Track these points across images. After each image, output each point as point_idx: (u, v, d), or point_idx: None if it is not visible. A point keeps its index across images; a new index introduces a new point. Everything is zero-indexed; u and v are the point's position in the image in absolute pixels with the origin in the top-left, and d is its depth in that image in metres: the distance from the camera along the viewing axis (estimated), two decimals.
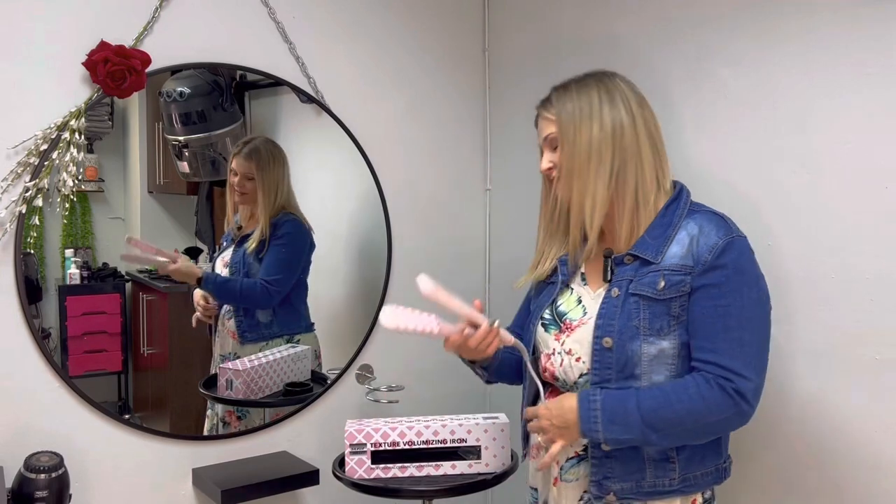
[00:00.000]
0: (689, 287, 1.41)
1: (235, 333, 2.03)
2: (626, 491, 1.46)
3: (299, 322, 2.10)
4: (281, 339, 2.08)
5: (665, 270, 1.43)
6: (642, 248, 1.47)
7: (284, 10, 2.02)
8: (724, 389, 1.37)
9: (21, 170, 1.70)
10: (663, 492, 1.46)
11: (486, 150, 2.43)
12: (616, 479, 1.46)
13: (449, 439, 1.83)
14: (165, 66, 1.86)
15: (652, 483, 1.46)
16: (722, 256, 1.40)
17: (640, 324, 1.42)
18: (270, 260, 2.02)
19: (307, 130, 2.11)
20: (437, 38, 2.31)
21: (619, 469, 1.46)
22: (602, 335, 1.45)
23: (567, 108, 1.50)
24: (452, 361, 2.33)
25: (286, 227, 2.04)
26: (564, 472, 1.53)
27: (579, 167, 1.48)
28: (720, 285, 1.40)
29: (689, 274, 1.41)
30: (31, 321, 1.73)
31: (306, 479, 1.96)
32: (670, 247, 1.44)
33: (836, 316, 1.58)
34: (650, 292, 1.43)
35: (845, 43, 1.54)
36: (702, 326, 1.40)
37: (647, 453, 1.45)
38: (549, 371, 1.56)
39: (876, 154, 1.51)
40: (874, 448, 1.54)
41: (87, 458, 1.79)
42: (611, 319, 1.45)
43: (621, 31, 1.96)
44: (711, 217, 1.46)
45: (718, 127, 1.77)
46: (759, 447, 1.72)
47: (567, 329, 1.53)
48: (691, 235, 1.44)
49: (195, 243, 2.01)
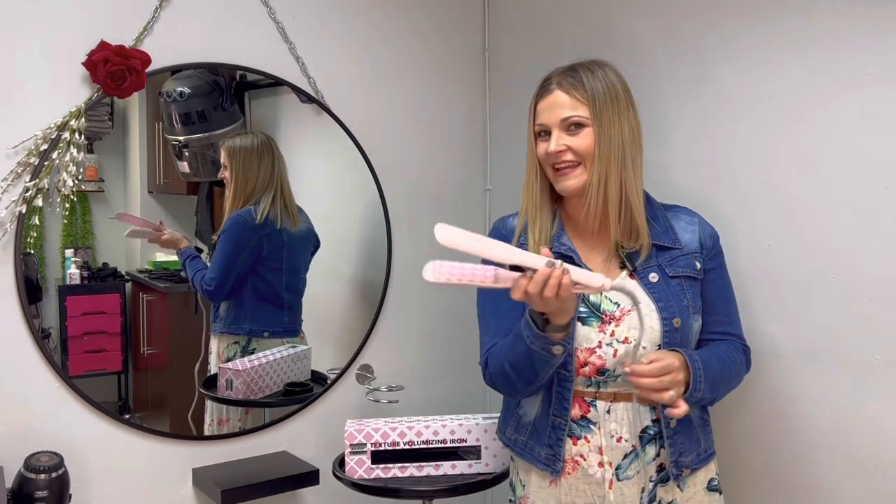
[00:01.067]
0: (703, 269, 1.54)
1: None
2: (694, 461, 1.50)
3: (241, 323, 2.03)
4: (230, 336, 2.03)
5: (694, 253, 1.53)
6: (657, 235, 1.52)
7: (284, 10, 2.03)
8: (745, 354, 1.58)
9: (21, 170, 1.70)
10: (711, 453, 1.55)
11: (486, 150, 2.43)
12: (686, 452, 1.49)
13: (449, 439, 1.83)
14: (165, 66, 1.86)
15: (705, 447, 1.53)
16: (717, 243, 1.58)
17: (689, 302, 1.50)
18: (213, 257, 2.00)
19: (307, 130, 2.11)
20: (437, 38, 2.31)
21: (686, 442, 1.50)
22: (670, 316, 1.46)
23: (599, 88, 1.46)
24: (452, 361, 2.34)
25: (227, 222, 2.00)
26: (623, 470, 1.47)
27: (620, 152, 1.46)
28: (723, 267, 1.57)
29: (703, 257, 1.54)
30: (31, 321, 1.73)
31: (306, 479, 1.96)
32: (680, 234, 1.54)
33: (835, 316, 1.58)
34: (691, 272, 1.52)
35: (845, 43, 1.54)
36: (720, 303, 1.55)
37: (695, 421, 1.52)
38: (591, 365, 1.46)
39: (876, 154, 1.51)
40: (874, 448, 1.54)
41: (87, 458, 1.79)
42: (668, 301, 1.47)
43: (621, 31, 1.96)
44: (690, 210, 1.60)
45: (718, 127, 1.77)
46: (758, 447, 1.72)
47: (612, 319, 1.47)
48: (693, 224, 1.56)
49: (195, 243, 2.01)
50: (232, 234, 2.00)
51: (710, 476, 1.54)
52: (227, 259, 2.00)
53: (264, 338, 2.06)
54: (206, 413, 2.01)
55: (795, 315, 1.64)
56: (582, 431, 1.49)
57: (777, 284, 1.67)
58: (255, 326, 2.05)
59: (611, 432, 1.47)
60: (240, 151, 1.99)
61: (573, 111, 1.46)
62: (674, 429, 1.48)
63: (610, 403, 1.47)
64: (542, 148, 1.50)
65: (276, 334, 2.08)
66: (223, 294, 2.01)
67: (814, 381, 1.62)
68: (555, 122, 1.48)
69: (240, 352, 2.03)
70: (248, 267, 2.02)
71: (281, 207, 2.04)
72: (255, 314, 2.05)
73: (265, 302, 2.06)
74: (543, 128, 1.50)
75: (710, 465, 1.54)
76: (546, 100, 1.49)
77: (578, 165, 1.47)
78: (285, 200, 2.05)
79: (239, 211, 1.99)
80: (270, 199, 2.02)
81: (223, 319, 2.02)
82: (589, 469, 1.48)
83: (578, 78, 1.48)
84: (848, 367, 1.57)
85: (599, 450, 1.47)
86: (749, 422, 1.73)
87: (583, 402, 1.49)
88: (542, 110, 1.50)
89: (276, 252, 2.05)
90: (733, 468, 1.74)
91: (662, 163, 1.86)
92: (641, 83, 1.90)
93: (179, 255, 1.97)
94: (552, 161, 1.49)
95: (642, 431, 1.47)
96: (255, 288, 2.03)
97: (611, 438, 1.47)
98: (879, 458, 1.53)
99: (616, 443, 1.47)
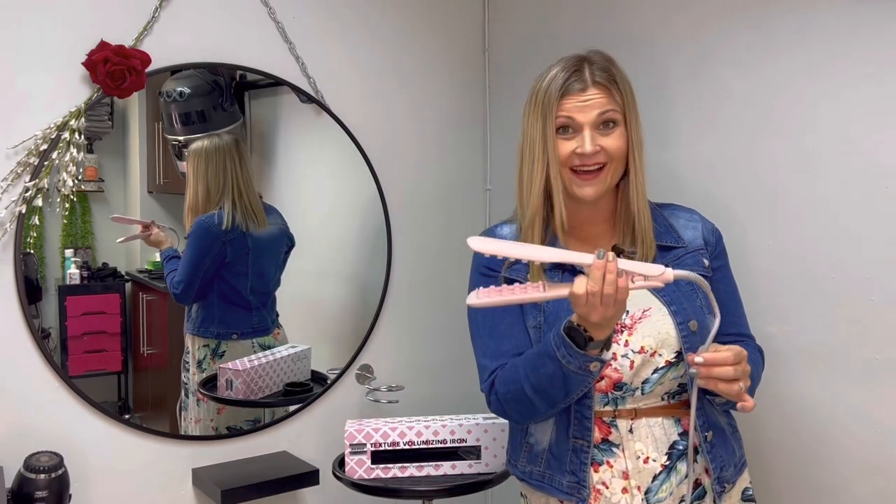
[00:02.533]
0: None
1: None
2: (733, 474, 1.40)
3: (209, 326, 2.01)
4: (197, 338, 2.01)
5: (699, 251, 1.45)
6: (658, 235, 1.43)
7: (284, 10, 2.02)
8: (761, 353, 1.50)
9: (21, 170, 1.70)
10: (745, 462, 1.46)
11: (486, 150, 2.43)
12: (727, 466, 1.38)
13: (449, 439, 1.83)
14: (165, 66, 1.86)
15: (739, 456, 1.44)
16: (720, 240, 1.50)
17: (701, 302, 1.39)
18: (181, 261, 1.98)
19: (307, 130, 2.11)
20: (437, 38, 2.31)
21: (725, 454, 1.39)
22: (685, 319, 1.35)
23: (627, 84, 1.39)
24: (452, 361, 2.34)
25: (192, 226, 1.98)
26: (653, 493, 1.34)
27: (640, 158, 1.40)
28: (727, 266, 1.50)
29: (708, 254, 1.46)
30: (31, 321, 1.73)
31: (306, 479, 1.96)
32: (683, 232, 1.46)
33: (836, 316, 1.58)
34: (702, 271, 1.40)
35: (845, 43, 1.54)
36: (728, 304, 1.45)
37: (726, 429, 1.42)
38: (607, 379, 1.35)
39: (876, 154, 1.51)
40: (873, 448, 1.54)
41: (87, 458, 1.79)
42: (682, 304, 1.37)
43: (621, 30, 1.96)
44: (688, 208, 1.53)
45: (718, 127, 1.77)
46: (758, 447, 1.72)
47: (624, 328, 1.36)
48: (693, 221, 1.49)
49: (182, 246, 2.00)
50: (195, 239, 1.98)
51: (744, 486, 1.44)
52: (192, 263, 1.98)
53: (233, 339, 2.04)
54: (189, 411, 2.01)
55: (795, 315, 1.64)
56: (604, 456, 1.36)
57: (777, 284, 1.67)
58: (224, 329, 2.03)
59: (636, 453, 1.35)
60: (194, 154, 1.97)
61: (609, 107, 1.36)
62: (711, 442, 1.36)
63: (632, 421, 1.35)
64: (566, 147, 1.37)
65: (246, 335, 2.06)
66: (190, 297, 2.00)
67: (814, 382, 1.62)
68: (589, 120, 1.35)
69: (210, 354, 2.01)
70: (213, 271, 2.00)
71: (243, 211, 2.00)
72: (224, 317, 2.03)
73: (232, 304, 2.04)
74: (570, 124, 1.36)
75: (744, 474, 1.45)
76: (577, 96, 1.36)
77: (603, 168, 1.37)
78: (248, 203, 2.01)
79: (204, 216, 1.98)
80: (231, 204, 1.99)
81: (194, 320, 2.01)
82: (612, 498, 1.34)
83: (609, 73, 1.38)
84: (848, 367, 1.57)
85: (624, 474, 1.35)
86: (748, 422, 1.73)
87: (601, 422, 1.36)
88: (570, 106, 1.35)
89: (240, 257, 2.03)
90: None
91: (662, 162, 1.86)
92: (642, 83, 1.90)
93: (161, 254, 1.96)
94: (579, 162, 1.37)
95: (671, 447, 1.35)
96: (222, 291, 2.02)
97: (637, 460, 1.34)
98: (881, 459, 1.53)
99: (643, 464, 1.34)
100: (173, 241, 1.97)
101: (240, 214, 2.00)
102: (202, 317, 2.01)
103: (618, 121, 1.37)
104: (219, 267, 2.00)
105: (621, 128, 1.38)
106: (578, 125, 1.36)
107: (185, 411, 2.00)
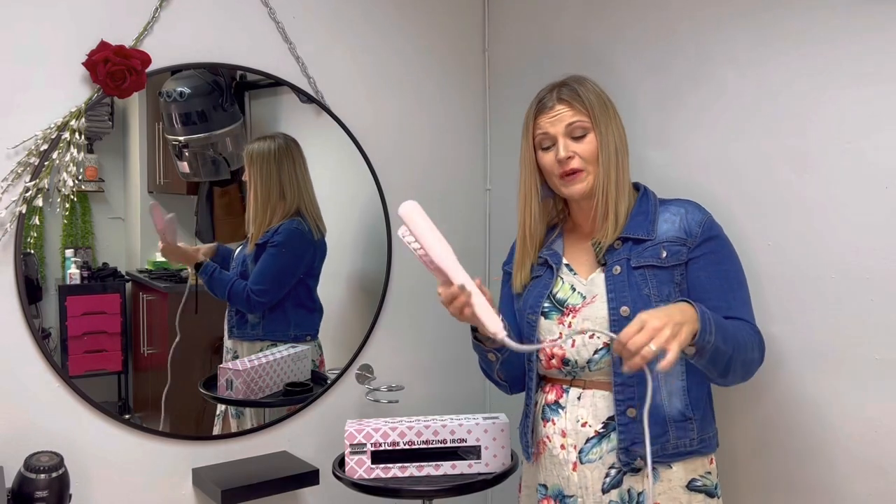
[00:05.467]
0: (685, 257, 1.54)
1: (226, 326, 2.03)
2: (658, 453, 1.50)
3: (286, 330, 2.07)
4: (264, 342, 2.05)
5: (664, 242, 1.55)
6: (632, 229, 1.57)
7: (284, 11, 2.03)
8: (756, 333, 1.53)
9: (21, 170, 1.70)
10: (684, 452, 1.52)
11: (486, 150, 2.43)
12: (640, 443, 1.47)
13: (449, 439, 1.83)
14: (165, 66, 1.86)
15: (675, 444, 1.51)
16: (712, 229, 1.57)
17: (650, 291, 1.52)
18: (259, 268, 2.00)
19: (307, 130, 2.11)
20: (437, 38, 2.31)
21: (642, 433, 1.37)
22: (617, 306, 1.52)
23: (592, 98, 1.58)
24: (452, 361, 2.34)
25: (281, 234, 2.01)
26: (585, 454, 1.54)
27: (615, 156, 1.57)
28: (717, 252, 1.55)
29: (685, 245, 1.54)
30: (31, 321, 1.73)
31: (306, 479, 1.96)
32: (659, 225, 1.57)
33: (836, 316, 1.58)
34: (655, 261, 1.53)
35: (845, 43, 1.54)
36: (713, 288, 1.53)
37: (669, 415, 1.51)
38: (556, 357, 1.59)
39: (876, 154, 1.51)
40: (874, 448, 1.54)
41: (87, 458, 1.79)
42: (622, 292, 1.53)
43: (621, 31, 1.96)
44: (687, 202, 1.61)
45: (718, 127, 1.77)
46: (758, 446, 1.72)
47: (571, 312, 1.58)
48: (678, 215, 1.57)
49: (195, 243, 2.01)
50: (291, 248, 2.04)
51: (691, 476, 1.52)
52: (283, 272, 2.04)
53: (307, 342, 2.10)
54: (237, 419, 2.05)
55: (795, 315, 1.64)
56: (551, 415, 1.60)
57: (777, 284, 1.67)
58: (299, 332, 2.09)
59: (577, 417, 1.56)
60: (256, 156, 1.99)
61: (575, 118, 1.57)
62: (631, 417, 1.50)
63: (582, 390, 1.57)
64: (548, 158, 1.59)
65: (315, 337, 2.12)
66: (270, 304, 2.04)
67: (814, 381, 1.62)
68: (560, 131, 1.57)
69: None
70: (300, 277, 2.06)
71: (314, 217, 2.07)
72: (297, 320, 2.09)
73: (301, 307, 2.09)
74: (547, 137, 1.59)
75: (692, 463, 1.53)
76: (547, 114, 1.58)
77: (583, 170, 1.57)
78: (315, 208, 2.07)
79: (291, 223, 2.02)
80: (307, 212, 2.04)
81: (254, 325, 2.03)
82: (553, 451, 1.58)
83: (573, 90, 1.58)
84: (848, 367, 1.57)
85: (563, 433, 1.57)
86: (749, 422, 1.73)
87: (560, 388, 1.60)
88: (544, 123, 1.59)
89: (320, 260, 2.10)
90: (733, 468, 1.75)
91: (662, 162, 1.86)
92: (642, 83, 1.91)
93: (200, 271, 1.97)
94: (559, 169, 1.58)
95: (609, 419, 1.53)
96: (297, 294, 2.07)
97: (576, 423, 1.56)
98: (880, 459, 1.53)
99: (581, 427, 1.55)
100: (205, 252, 1.97)
101: (313, 221, 2.05)
102: (273, 321, 2.04)
103: (587, 129, 1.57)
104: (306, 273, 2.06)
105: (591, 135, 1.57)
106: (553, 137, 1.59)
107: (236, 419, 2.04)
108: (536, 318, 1.62)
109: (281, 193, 2.02)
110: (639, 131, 1.84)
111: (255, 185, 2.00)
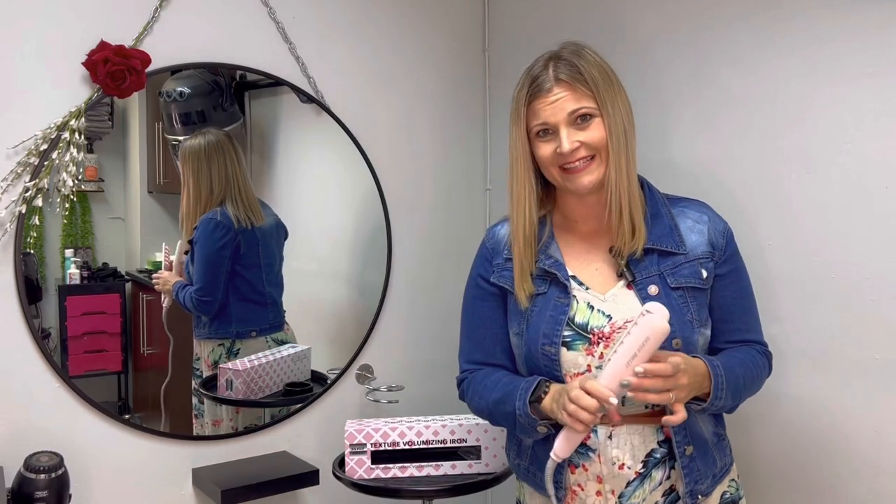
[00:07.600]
0: (714, 273, 1.42)
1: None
2: (710, 486, 1.40)
3: (228, 327, 2.00)
4: (213, 341, 2.00)
5: (700, 259, 1.40)
6: (659, 239, 1.40)
7: (284, 10, 2.02)
8: (767, 357, 1.48)
9: (21, 170, 1.70)
10: (725, 470, 1.45)
11: (486, 150, 2.43)
12: (702, 479, 1.39)
13: (449, 439, 1.83)
14: (165, 66, 1.86)
15: (721, 466, 1.44)
16: (731, 241, 1.46)
17: (693, 317, 1.37)
18: (194, 268, 1.96)
19: (307, 130, 2.11)
20: (437, 38, 2.31)
21: (703, 467, 1.39)
22: (670, 337, 1.29)
23: (595, 74, 1.35)
24: (453, 361, 2.33)
25: (199, 228, 1.95)
26: (626, 498, 1.37)
27: (625, 140, 1.37)
28: (738, 269, 1.46)
29: (712, 260, 1.42)
30: (31, 321, 1.73)
31: (306, 479, 1.96)
32: (686, 236, 1.41)
33: (836, 316, 1.58)
34: (697, 283, 1.39)
35: (845, 43, 1.54)
36: (736, 310, 1.44)
37: (710, 439, 1.41)
38: None
39: (876, 154, 1.51)
40: (873, 448, 1.54)
41: (87, 458, 1.79)
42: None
43: (621, 31, 1.96)
44: (699, 203, 1.48)
45: (718, 127, 1.77)
46: (758, 447, 1.72)
47: (600, 339, 1.37)
48: (702, 223, 1.43)
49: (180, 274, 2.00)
50: (207, 235, 1.96)
51: (722, 490, 1.44)
52: (209, 263, 1.96)
53: (252, 337, 2.04)
54: (206, 416, 2.01)
55: (795, 315, 1.64)
56: (580, 460, 1.39)
57: (777, 284, 1.67)
58: (242, 328, 2.02)
59: (612, 459, 1.37)
60: (190, 154, 1.94)
61: (579, 104, 1.35)
62: (690, 455, 1.36)
63: (612, 428, 1.37)
64: (546, 149, 1.38)
65: (263, 332, 2.06)
66: (216, 301, 1.98)
67: (814, 382, 1.62)
68: (562, 120, 1.35)
69: (224, 354, 2.00)
70: (229, 268, 1.98)
71: (244, 207, 1.99)
72: (241, 315, 2.02)
73: (248, 301, 2.04)
74: (546, 127, 1.37)
75: (724, 481, 1.45)
76: (544, 98, 1.36)
77: (593, 159, 1.37)
78: (245, 199, 2.00)
79: (208, 214, 1.96)
80: (232, 201, 1.98)
81: (206, 324, 2.00)
82: (587, 500, 1.39)
83: (574, 67, 1.36)
84: (848, 367, 1.57)
85: (598, 478, 1.38)
86: (749, 422, 1.73)
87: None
88: (541, 109, 1.36)
89: (252, 249, 2.01)
90: (734, 467, 1.74)
91: (662, 162, 1.86)
92: (642, 83, 1.91)
93: (174, 291, 1.95)
94: (563, 161, 1.37)
95: (648, 455, 1.37)
96: (237, 288, 2.00)
97: (612, 466, 1.37)
98: (880, 459, 1.53)
99: (618, 470, 1.36)
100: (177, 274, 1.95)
101: (242, 211, 1.99)
102: (218, 319, 2.00)
103: (592, 113, 1.36)
104: (233, 262, 1.98)
105: (598, 119, 1.36)
106: (554, 126, 1.37)
107: (200, 417, 2.00)
108: (557, 351, 1.37)
109: (210, 189, 1.97)
110: (639, 131, 1.83)
111: (188, 182, 1.95)
